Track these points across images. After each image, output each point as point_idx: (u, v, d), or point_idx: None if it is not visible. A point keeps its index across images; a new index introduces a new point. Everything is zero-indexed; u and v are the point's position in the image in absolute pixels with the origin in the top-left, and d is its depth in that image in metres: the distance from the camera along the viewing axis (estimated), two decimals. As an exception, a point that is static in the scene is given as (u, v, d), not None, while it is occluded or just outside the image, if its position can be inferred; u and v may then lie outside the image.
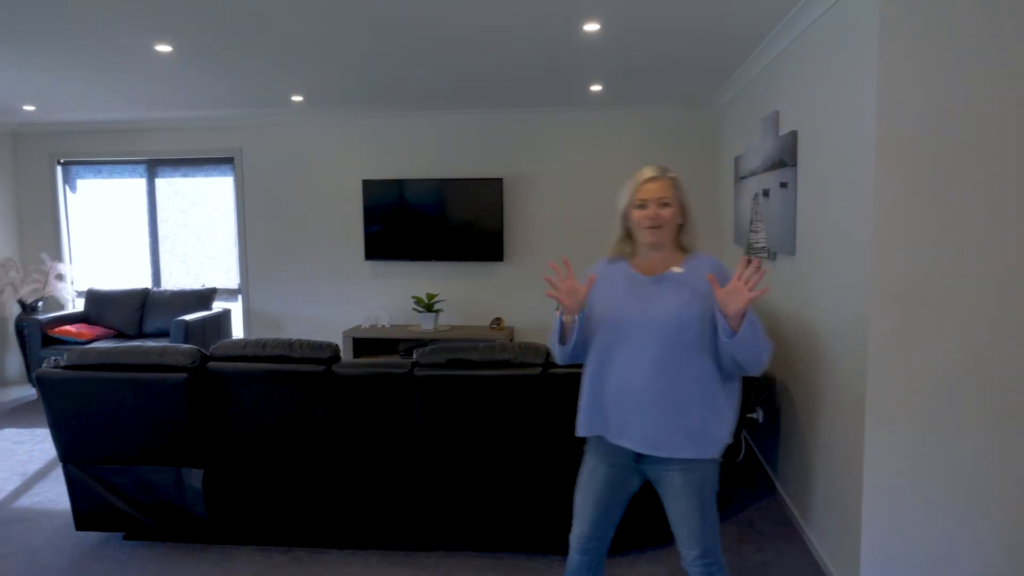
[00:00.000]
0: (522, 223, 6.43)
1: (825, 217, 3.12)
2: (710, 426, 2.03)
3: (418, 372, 3.10)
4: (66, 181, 7.10)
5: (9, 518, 3.80)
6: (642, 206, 2.10)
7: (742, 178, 4.87)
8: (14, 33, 3.74)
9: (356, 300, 6.75)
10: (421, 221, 6.45)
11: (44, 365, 3.37)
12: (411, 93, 5.55)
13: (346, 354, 6.15)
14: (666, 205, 2.09)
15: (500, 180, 6.30)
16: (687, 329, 2.01)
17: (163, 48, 4.08)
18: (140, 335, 6.51)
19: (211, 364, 3.25)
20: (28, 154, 7.06)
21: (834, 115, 3.01)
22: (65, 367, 3.30)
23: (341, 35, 3.86)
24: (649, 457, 2.08)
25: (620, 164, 6.26)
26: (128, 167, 7.00)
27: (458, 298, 6.59)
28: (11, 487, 4.24)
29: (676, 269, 2.10)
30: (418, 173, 6.50)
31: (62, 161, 7.04)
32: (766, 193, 4.13)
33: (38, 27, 3.64)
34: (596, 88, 5.41)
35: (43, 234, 7.11)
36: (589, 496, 2.19)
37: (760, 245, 4.33)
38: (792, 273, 3.67)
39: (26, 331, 6.22)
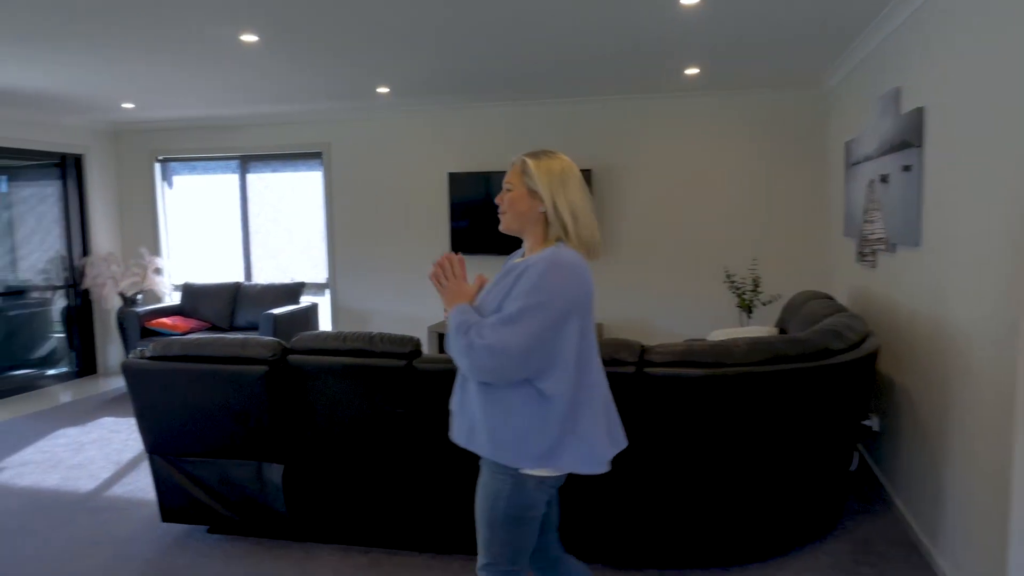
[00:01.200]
0: (612, 216, 6.17)
1: (959, 203, 2.75)
2: (508, 427, 1.88)
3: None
4: (164, 178, 7.31)
5: (100, 506, 3.86)
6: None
7: (854, 164, 4.47)
8: (110, 30, 3.78)
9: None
10: (507, 214, 6.29)
11: (131, 355, 3.37)
12: (496, 81, 5.39)
13: (430, 349, 6.06)
14: (508, 190, 1.99)
15: (588, 171, 6.06)
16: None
17: (249, 38, 4.06)
18: (232, 328, 6.62)
19: (291, 357, 3.16)
20: (129, 152, 7.30)
21: (971, 88, 2.64)
22: (150, 358, 3.29)
23: (425, 19, 3.73)
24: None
25: (716, 153, 5.91)
26: (221, 163, 7.14)
27: (544, 293, 6.39)
28: (105, 475, 4.32)
29: (516, 260, 2.03)
30: (504, 165, 6.34)
31: (160, 158, 7.25)
32: (884, 179, 3.74)
33: (131, 22, 3.66)
34: (692, 71, 5.10)
35: (142, 229, 7.34)
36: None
37: (876, 236, 3.94)
38: (916, 266, 3.29)
39: (126, 323, 6.42)
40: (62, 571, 3.15)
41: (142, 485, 4.11)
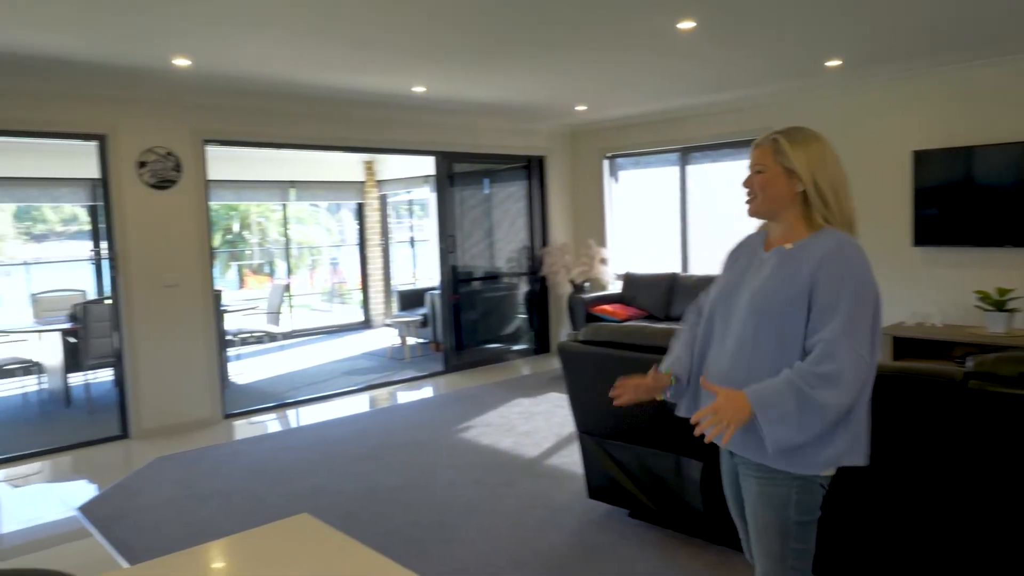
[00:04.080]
0: None
1: None
2: (754, 432, 1.72)
3: (973, 384, 2.33)
4: (611, 173, 7.78)
5: (541, 472, 4.22)
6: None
7: None
8: (554, 36, 4.08)
9: (899, 293, 5.78)
10: (993, 197, 5.15)
11: (566, 338, 3.59)
12: (984, 35, 4.41)
13: (884, 354, 5.30)
14: (759, 172, 1.85)
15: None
16: (768, 314, 1.77)
17: (686, 25, 3.99)
18: (667, 318, 6.74)
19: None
20: (582, 150, 7.94)
21: None
22: (581, 341, 3.45)
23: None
24: (737, 455, 1.88)
25: None
26: (663, 156, 7.31)
27: (1041, 296, 5.09)
28: (547, 445, 4.73)
29: (787, 246, 1.84)
30: (990, 137, 5.20)
31: (608, 155, 7.73)
32: None
33: (574, 25, 3.89)
34: None
35: (591, 222, 7.93)
36: (728, 503, 2.03)
37: None
38: None
39: (573, 308, 7.03)
40: (505, 523, 3.52)
41: (575, 460, 4.39)
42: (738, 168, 6.75)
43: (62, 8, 3.32)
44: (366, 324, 10.62)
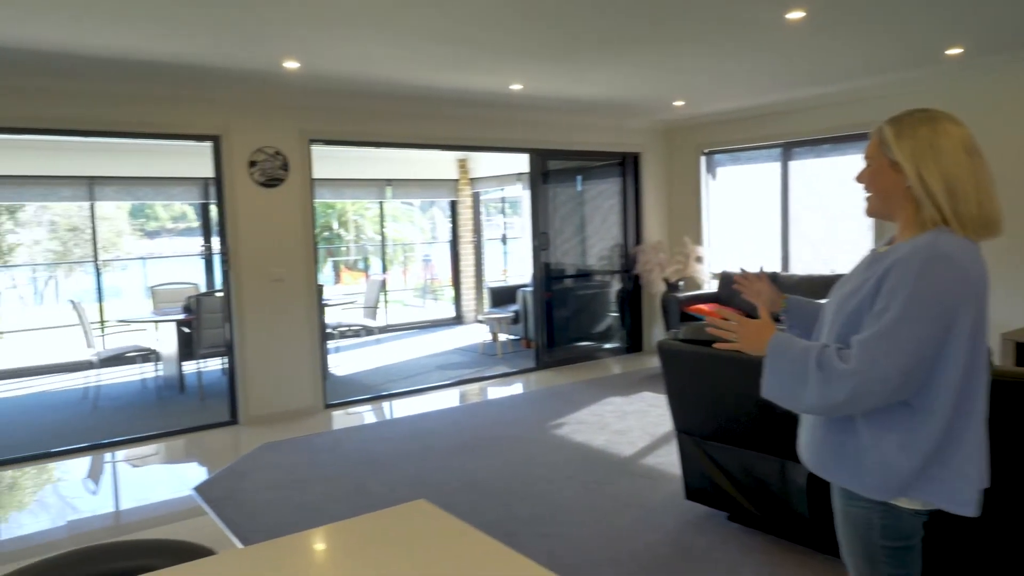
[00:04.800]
0: None
1: None
2: (874, 457, 1.54)
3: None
4: (708, 170, 7.61)
5: (636, 472, 4.18)
6: None
7: None
8: (663, 35, 4.02)
9: (1022, 296, 5.43)
10: None
11: (666, 336, 3.54)
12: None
13: (1003, 359, 4.98)
14: (868, 165, 1.66)
15: None
16: (842, 324, 1.60)
17: (795, 15, 3.86)
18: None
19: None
20: (678, 146, 7.80)
21: None
22: (682, 340, 3.39)
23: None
24: None
25: None
26: (764, 152, 7.09)
27: None
28: (641, 444, 4.68)
29: (880, 249, 1.67)
30: None
31: (705, 151, 7.56)
32: None
33: (679, 21, 3.83)
34: None
35: (686, 219, 7.78)
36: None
37: None
38: None
39: (668, 307, 6.92)
40: (601, 520, 3.50)
41: (671, 460, 4.32)
42: (846, 163, 6.49)
43: (186, 16, 3.51)
44: (457, 320, 10.79)
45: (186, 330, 6.63)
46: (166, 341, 6.87)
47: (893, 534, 1.59)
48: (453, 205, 10.66)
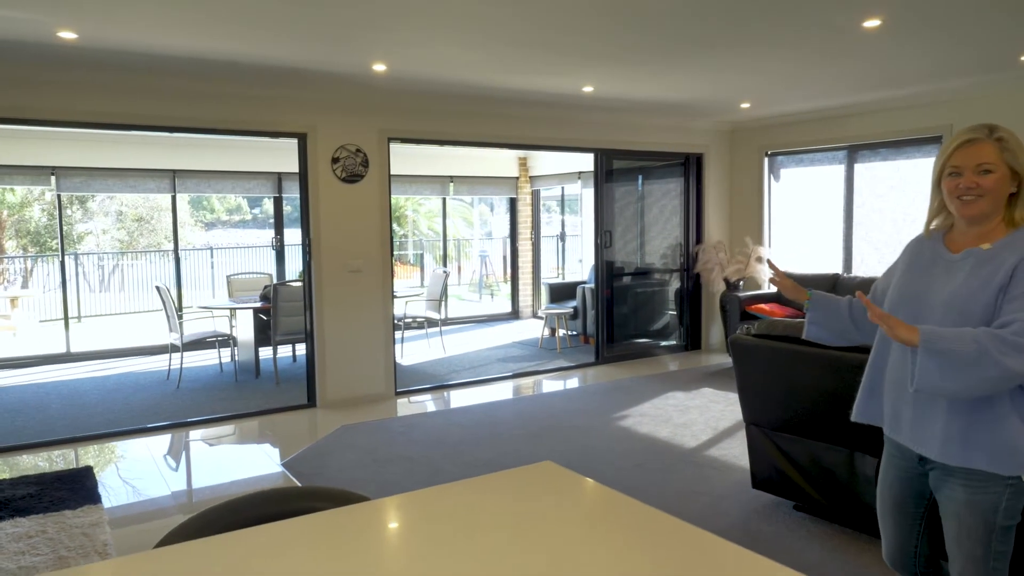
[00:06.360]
0: None
1: None
2: (1007, 434, 1.74)
3: None
4: (771, 171, 7.68)
5: (702, 462, 4.34)
6: (954, 174, 1.84)
7: None
8: (739, 38, 4.16)
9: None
10: None
11: (738, 331, 3.69)
12: None
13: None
14: (988, 172, 1.79)
15: None
16: (971, 316, 1.76)
17: (871, 23, 3.96)
18: (826, 319, 6.60)
19: (895, 348, 3.02)
20: (742, 147, 7.88)
21: None
22: (755, 335, 3.54)
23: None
24: (932, 460, 1.87)
25: None
26: (828, 154, 7.13)
27: None
28: (704, 437, 4.83)
29: (984, 246, 1.83)
30: None
31: (769, 152, 7.63)
32: None
33: (756, 25, 3.96)
34: None
35: (748, 220, 7.86)
36: (884, 504, 2.07)
37: None
38: None
39: (728, 306, 7.03)
40: (669, 507, 3.67)
41: (735, 452, 4.46)
42: (911, 167, 6.50)
43: (293, 25, 3.79)
44: (514, 315, 11.01)
45: (263, 318, 6.98)
46: (243, 328, 7.24)
47: (1011, 513, 1.80)
48: (512, 202, 10.88)
